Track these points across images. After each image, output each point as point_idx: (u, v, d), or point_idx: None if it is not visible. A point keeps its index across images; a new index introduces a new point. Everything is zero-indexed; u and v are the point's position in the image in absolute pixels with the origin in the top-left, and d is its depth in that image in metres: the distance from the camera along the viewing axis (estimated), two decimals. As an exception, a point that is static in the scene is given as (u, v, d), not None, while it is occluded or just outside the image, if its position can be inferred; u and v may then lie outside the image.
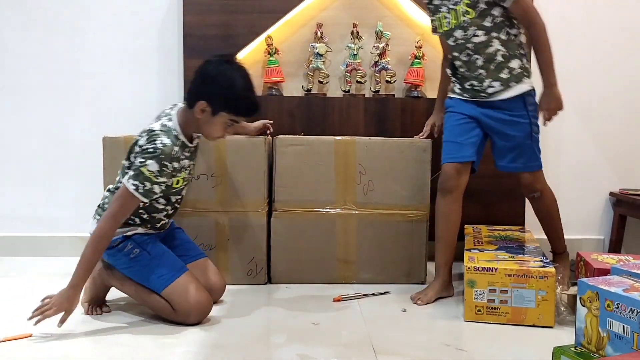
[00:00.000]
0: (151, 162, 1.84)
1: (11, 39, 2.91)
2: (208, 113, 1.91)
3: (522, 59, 2.16)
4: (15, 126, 2.94)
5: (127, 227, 1.97)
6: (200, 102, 1.89)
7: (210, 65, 1.91)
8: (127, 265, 1.97)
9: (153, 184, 1.85)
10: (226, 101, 1.90)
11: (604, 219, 3.07)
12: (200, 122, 1.93)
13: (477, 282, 1.95)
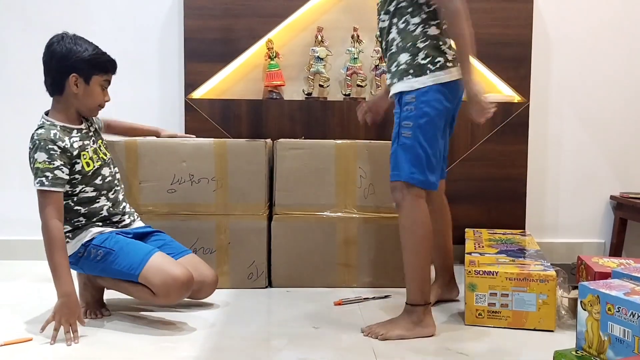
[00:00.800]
0: (37, 154, 1.88)
1: (12, 43, 2.92)
2: (82, 83, 1.96)
3: (416, 54, 1.85)
4: (16, 129, 2.94)
5: (80, 232, 1.98)
6: (70, 77, 1.94)
7: (55, 47, 1.95)
8: (97, 268, 1.97)
9: (54, 170, 1.88)
10: (92, 63, 1.96)
11: (605, 223, 3.07)
12: (79, 96, 1.97)
13: (478, 285, 1.95)
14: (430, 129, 1.84)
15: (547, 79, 3.00)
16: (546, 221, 3.06)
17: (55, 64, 1.95)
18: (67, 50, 1.94)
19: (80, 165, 1.96)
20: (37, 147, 1.89)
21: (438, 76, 1.84)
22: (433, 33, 1.86)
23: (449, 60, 1.87)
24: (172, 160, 2.37)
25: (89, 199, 2.00)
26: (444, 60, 1.86)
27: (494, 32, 2.81)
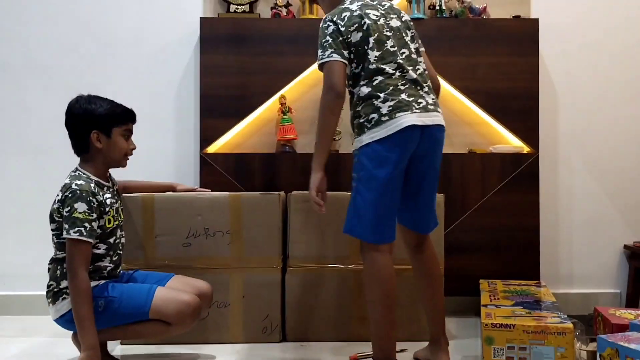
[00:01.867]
0: (77, 204, 1.92)
1: (33, 102, 3.02)
2: (104, 138, 2.04)
3: (356, 116, 1.96)
4: (35, 186, 3.00)
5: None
6: (91, 135, 2.02)
7: (73, 110, 2.06)
8: (103, 320, 1.97)
9: (91, 222, 1.93)
10: (109, 117, 2.05)
11: (620, 273, 3.04)
12: (104, 151, 2.05)
13: (495, 339, 1.93)
14: (372, 182, 1.87)
15: (555, 130, 3.05)
16: (560, 271, 3.04)
17: (75, 125, 2.05)
18: (84, 110, 2.04)
19: (104, 221, 2.01)
20: (78, 197, 1.93)
21: (374, 132, 1.88)
22: (364, 92, 1.93)
23: (383, 115, 1.88)
24: (188, 214, 2.40)
25: (97, 256, 2.03)
26: (377, 115, 1.89)
27: (501, 85, 2.87)
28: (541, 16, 2.96)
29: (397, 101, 1.89)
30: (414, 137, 1.90)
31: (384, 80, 1.92)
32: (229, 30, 2.89)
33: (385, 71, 1.92)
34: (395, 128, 1.86)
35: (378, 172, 1.87)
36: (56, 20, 3.01)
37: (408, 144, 1.90)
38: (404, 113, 1.87)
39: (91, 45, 3.02)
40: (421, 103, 1.93)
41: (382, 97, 1.90)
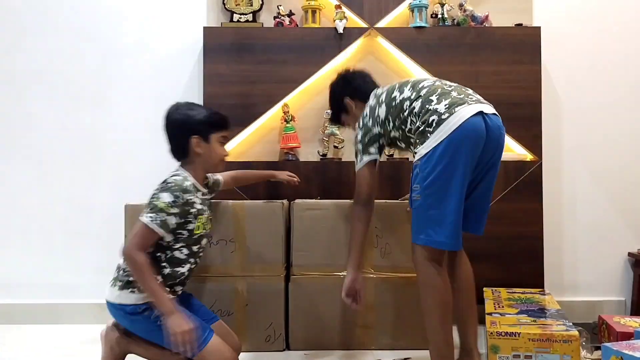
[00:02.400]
0: (163, 194, 1.92)
1: (38, 111, 3.03)
2: (203, 143, 2.04)
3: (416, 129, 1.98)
4: (39, 195, 3.02)
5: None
6: (191, 140, 2.02)
7: (173, 116, 2.06)
8: (155, 332, 1.94)
9: (168, 215, 1.90)
10: (208, 123, 2.05)
11: (624, 280, 3.03)
12: (203, 155, 2.05)
13: (501, 347, 1.93)
14: (447, 187, 1.82)
15: (558, 138, 3.05)
16: (565, 279, 3.03)
17: (176, 131, 2.06)
18: (184, 115, 2.05)
19: (193, 225, 2.00)
20: (167, 189, 1.94)
21: (438, 134, 1.84)
22: (416, 108, 1.94)
23: (442, 114, 1.85)
24: (192, 223, 2.41)
25: (178, 261, 2.01)
26: (437, 117, 1.86)
27: (504, 93, 2.88)
28: (543, 24, 2.97)
29: (451, 99, 1.89)
30: (479, 127, 1.84)
31: (430, 86, 1.97)
32: (232, 40, 2.91)
33: (425, 85, 1.99)
34: (459, 121, 1.81)
35: (452, 175, 1.81)
36: (60, 31, 3.04)
37: (477, 136, 1.84)
38: (461, 107, 1.85)
39: (95, 55, 3.04)
40: (473, 98, 1.93)
41: (435, 99, 1.90)
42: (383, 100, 2.07)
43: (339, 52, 2.94)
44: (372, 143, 2.09)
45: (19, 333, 2.75)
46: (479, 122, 1.84)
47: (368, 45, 3.03)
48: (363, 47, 3.03)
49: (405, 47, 2.93)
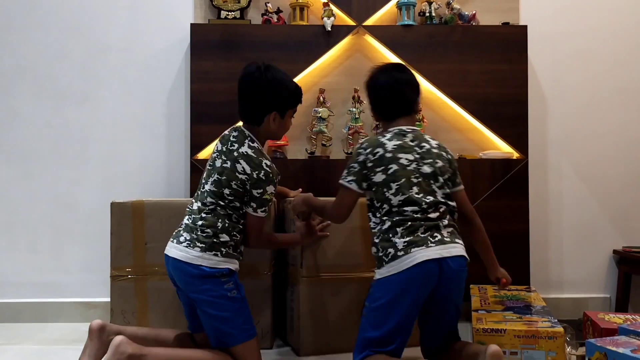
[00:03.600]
0: (269, 187, 2.01)
1: (23, 108, 3.00)
2: (278, 119, 2.07)
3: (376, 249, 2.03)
4: (24, 193, 2.99)
5: (234, 258, 2.02)
6: (270, 115, 2.05)
7: (259, 79, 2.02)
8: (222, 300, 1.94)
9: (271, 200, 2.06)
10: (289, 101, 2.08)
11: (609, 277, 3.07)
12: (273, 129, 2.09)
13: (487, 344, 1.93)
14: (388, 312, 1.89)
15: (544, 136, 3.07)
16: (550, 276, 3.06)
17: (259, 97, 2.03)
18: (273, 88, 2.02)
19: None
20: (270, 180, 2.01)
21: (391, 267, 1.90)
22: (384, 226, 1.95)
23: (399, 250, 1.89)
24: (179, 220, 2.39)
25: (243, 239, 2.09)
26: (394, 250, 1.90)
27: (490, 91, 2.90)
28: (530, 23, 2.99)
29: (414, 235, 1.90)
30: (431, 272, 1.88)
31: (404, 219, 1.93)
32: (220, 37, 2.90)
33: (406, 212, 1.93)
34: (411, 263, 1.86)
35: (394, 305, 1.88)
36: (46, 27, 3.01)
37: (425, 279, 1.88)
38: (419, 249, 1.88)
39: (82, 51, 3.02)
40: (436, 237, 1.92)
41: (400, 232, 1.92)
42: (388, 170, 1.96)
43: (327, 49, 2.94)
44: (363, 180, 2.02)
45: (5, 332, 2.72)
46: (433, 270, 1.88)
47: (356, 43, 3.03)
48: (351, 45, 3.03)
49: (393, 45, 2.93)
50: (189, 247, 1.95)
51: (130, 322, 2.35)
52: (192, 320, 2.08)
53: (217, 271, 1.94)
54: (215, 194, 2.00)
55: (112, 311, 2.37)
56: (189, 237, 1.97)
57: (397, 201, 1.93)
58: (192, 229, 1.99)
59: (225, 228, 1.98)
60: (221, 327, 1.94)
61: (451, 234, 1.96)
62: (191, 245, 1.95)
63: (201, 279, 1.93)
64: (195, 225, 1.98)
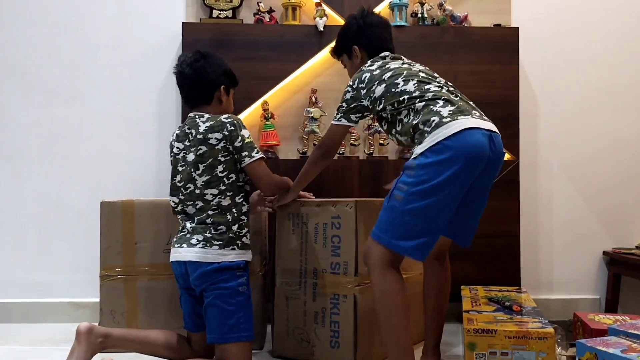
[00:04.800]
0: (243, 131, 2.02)
1: (11, 106, 2.97)
2: (225, 95, 2.14)
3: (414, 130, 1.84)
4: (12, 191, 2.96)
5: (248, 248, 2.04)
6: (220, 89, 2.10)
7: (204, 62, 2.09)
8: (226, 292, 1.93)
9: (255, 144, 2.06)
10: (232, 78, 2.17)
11: (599, 278, 3.08)
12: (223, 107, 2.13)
13: (478, 344, 1.94)
14: (424, 198, 1.69)
15: (535, 137, 3.09)
16: (541, 277, 3.07)
17: (206, 77, 2.08)
18: (217, 65, 2.11)
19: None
20: (240, 126, 2.02)
21: (435, 135, 1.71)
22: (419, 107, 1.81)
23: (444, 117, 1.73)
24: (169, 220, 2.38)
25: (248, 198, 2.10)
26: (438, 118, 1.74)
27: (481, 92, 2.90)
28: (521, 25, 3.00)
29: (457, 106, 1.77)
30: (483, 145, 1.71)
31: (437, 91, 1.82)
32: (212, 36, 2.89)
33: (432, 89, 1.83)
34: (460, 127, 1.69)
35: (444, 191, 1.68)
36: (36, 24, 2.98)
37: (477, 151, 1.71)
38: (465, 117, 1.73)
39: (71, 49, 2.99)
40: (476, 113, 1.81)
41: (441, 102, 1.78)
42: (385, 78, 1.91)
43: (319, 49, 2.94)
44: (356, 112, 2.00)
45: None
46: (483, 140, 1.72)
47: (348, 43, 3.03)
48: (343, 45, 3.02)
49: (385, 45, 2.93)
50: (206, 247, 1.95)
51: (119, 322, 2.33)
52: (193, 318, 2.05)
53: (235, 264, 1.97)
54: (212, 180, 1.98)
55: (102, 311, 2.35)
56: (203, 237, 1.96)
57: (413, 85, 1.85)
58: (203, 229, 1.97)
59: (235, 218, 2.00)
60: (221, 316, 1.93)
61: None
62: (208, 245, 1.95)
63: (220, 271, 1.94)
64: (206, 224, 1.97)
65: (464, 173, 1.69)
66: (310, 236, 2.24)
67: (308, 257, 2.24)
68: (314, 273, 2.23)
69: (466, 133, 1.69)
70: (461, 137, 1.68)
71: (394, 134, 1.94)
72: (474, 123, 1.72)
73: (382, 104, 1.90)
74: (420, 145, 1.74)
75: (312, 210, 2.24)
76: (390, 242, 1.71)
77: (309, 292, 2.23)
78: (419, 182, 1.68)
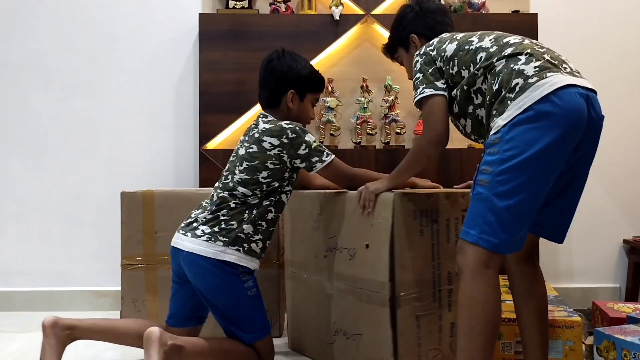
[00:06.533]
0: (307, 136, 1.91)
1: (32, 100, 3.02)
2: (297, 100, 2.03)
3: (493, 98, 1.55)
4: (34, 184, 3.01)
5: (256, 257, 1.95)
6: (288, 93, 2.00)
7: (275, 63, 2.02)
8: (238, 298, 1.91)
9: (323, 145, 1.97)
10: (308, 81, 2.04)
11: (619, 267, 3.05)
12: (293, 112, 2.03)
13: (504, 333, 1.91)
14: (517, 174, 1.40)
15: (554, 125, 3.05)
16: (560, 266, 3.05)
17: (274, 79, 2.02)
18: (288, 67, 2.01)
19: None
20: (301, 132, 1.91)
21: (521, 102, 1.42)
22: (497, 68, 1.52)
23: (529, 77, 1.44)
24: (188, 210, 2.40)
25: (281, 206, 1.99)
26: (522, 80, 1.44)
27: (500, 80, 2.87)
28: (540, 11, 2.96)
29: (542, 61, 1.47)
30: (580, 106, 1.42)
31: (517, 44, 1.53)
32: (228, 26, 2.90)
33: (511, 41, 1.55)
34: (551, 88, 1.40)
35: (540, 161, 1.39)
36: (54, 18, 3.02)
37: (577, 116, 1.42)
38: (554, 74, 1.44)
39: (89, 42, 3.03)
40: (566, 68, 1.51)
41: (524, 58, 1.48)
42: (456, 37, 1.67)
43: (335, 39, 2.93)
44: (437, 77, 1.64)
45: (16, 320, 2.76)
46: (580, 101, 1.43)
47: (364, 32, 3.02)
48: (359, 34, 3.02)
49: (401, 34, 2.91)
50: (209, 241, 1.88)
51: (140, 311, 2.37)
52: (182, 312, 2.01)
53: (238, 268, 1.90)
54: (249, 182, 1.91)
55: (123, 299, 2.39)
56: (209, 230, 1.89)
57: (489, 42, 1.58)
58: (213, 221, 1.91)
59: (252, 219, 1.91)
60: (240, 320, 1.92)
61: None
62: (212, 239, 1.88)
63: (222, 275, 1.87)
64: (218, 218, 1.91)
65: (562, 143, 1.40)
66: (442, 235, 1.83)
67: (441, 260, 1.83)
68: (448, 278, 1.86)
69: (561, 93, 1.40)
70: (556, 98, 1.40)
71: (471, 113, 1.61)
72: (568, 80, 1.43)
73: (456, 68, 1.61)
74: (502, 116, 1.44)
75: (441, 203, 1.83)
76: (481, 238, 1.42)
77: (445, 302, 1.85)
78: (506, 159, 1.39)
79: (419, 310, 1.76)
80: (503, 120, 1.43)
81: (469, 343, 1.40)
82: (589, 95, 1.46)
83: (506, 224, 1.40)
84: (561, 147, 1.40)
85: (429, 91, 1.63)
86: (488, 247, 1.41)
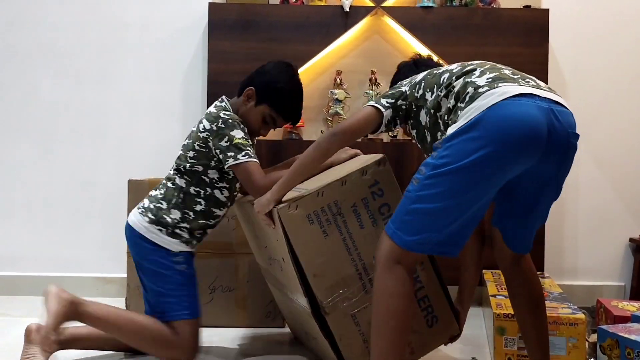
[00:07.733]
0: (235, 131, 1.88)
1: (43, 87, 3.03)
2: (252, 101, 1.99)
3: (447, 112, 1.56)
4: (43, 171, 3.03)
5: (181, 240, 1.95)
6: (248, 88, 1.99)
7: (270, 63, 2.04)
8: (166, 273, 1.92)
9: (251, 146, 1.90)
10: (271, 94, 1.96)
11: (625, 265, 3.04)
12: (243, 109, 2.00)
13: (507, 329, 1.92)
14: (442, 185, 1.39)
15: (563, 122, 3.03)
16: (565, 263, 3.04)
17: (253, 73, 2.04)
18: (270, 69, 2.01)
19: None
20: (232, 126, 1.88)
21: (470, 110, 1.39)
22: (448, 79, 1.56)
23: (481, 87, 1.43)
24: (194, 199, 2.42)
25: (216, 202, 1.97)
26: (473, 89, 1.44)
27: (509, 75, 2.86)
28: (552, 6, 2.94)
29: (498, 73, 1.46)
30: (532, 115, 1.35)
31: (479, 63, 1.55)
32: (238, 16, 2.89)
33: (475, 62, 1.58)
34: (500, 97, 1.36)
35: (464, 162, 1.36)
36: (65, 6, 3.02)
37: (524, 126, 1.35)
38: (508, 83, 1.40)
39: (99, 31, 3.03)
40: (529, 81, 1.46)
41: (478, 72, 1.48)
42: (427, 70, 1.72)
43: (344, 31, 2.92)
44: (391, 97, 1.66)
45: (23, 304, 2.79)
46: (534, 112, 1.36)
47: (374, 24, 3.01)
48: (369, 26, 3.01)
49: (411, 26, 2.90)
50: (142, 215, 1.97)
51: (145, 298, 2.38)
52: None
53: (157, 249, 1.93)
54: (180, 158, 1.99)
55: (129, 287, 2.41)
56: (147, 205, 1.99)
57: (457, 65, 1.61)
58: (152, 197, 2.01)
59: (178, 205, 1.95)
60: (166, 295, 1.92)
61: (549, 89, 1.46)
62: (144, 214, 1.97)
63: (147, 247, 1.93)
64: (157, 195, 2.00)
65: (503, 157, 1.36)
66: (353, 224, 1.73)
67: (360, 250, 1.73)
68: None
69: (509, 103, 1.35)
70: (501, 107, 1.35)
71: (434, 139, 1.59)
72: (523, 90, 1.38)
73: (421, 91, 1.62)
74: (453, 125, 1.43)
75: (338, 192, 1.71)
76: (395, 234, 1.43)
77: None
78: (439, 165, 1.39)
79: (352, 309, 1.70)
80: (451, 129, 1.42)
81: (377, 335, 1.43)
82: (551, 108, 1.41)
83: (420, 226, 1.41)
84: (500, 163, 1.37)
85: (372, 103, 1.66)
86: (400, 243, 1.43)
